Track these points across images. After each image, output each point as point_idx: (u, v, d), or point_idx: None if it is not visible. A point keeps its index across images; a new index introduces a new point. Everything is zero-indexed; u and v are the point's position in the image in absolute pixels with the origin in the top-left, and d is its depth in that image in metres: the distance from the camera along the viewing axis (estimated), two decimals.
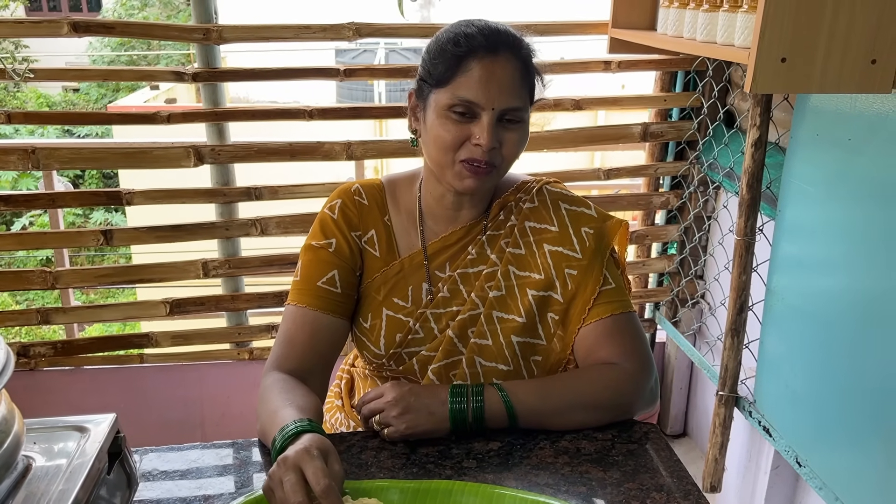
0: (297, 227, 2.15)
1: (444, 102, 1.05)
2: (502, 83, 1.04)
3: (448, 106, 1.05)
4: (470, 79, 1.04)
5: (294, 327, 1.13)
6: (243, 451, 1.06)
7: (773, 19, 1.19)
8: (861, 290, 1.45)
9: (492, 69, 1.04)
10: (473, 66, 1.04)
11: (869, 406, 1.42)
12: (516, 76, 1.06)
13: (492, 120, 1.04)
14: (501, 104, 1.04)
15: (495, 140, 1.05)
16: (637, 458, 1.02)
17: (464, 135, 1.05)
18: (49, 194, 2.10)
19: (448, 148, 1.06)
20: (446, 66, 1.05)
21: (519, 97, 1.06)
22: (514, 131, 1.07)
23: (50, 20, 1.90)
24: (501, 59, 1.05)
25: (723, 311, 2.09)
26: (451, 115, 1.05)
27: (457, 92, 1.04)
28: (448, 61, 1.05)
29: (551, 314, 1.15)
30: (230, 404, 2.41)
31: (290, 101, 8.06)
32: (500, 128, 1.06)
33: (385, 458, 1.01)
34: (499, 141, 1.06)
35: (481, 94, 1.04)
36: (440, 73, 1.06)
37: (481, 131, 1.04)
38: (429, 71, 1.09)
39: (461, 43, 1.05)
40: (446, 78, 1.05)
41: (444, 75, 1.05)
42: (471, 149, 1.06)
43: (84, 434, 0.81)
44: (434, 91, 1.07)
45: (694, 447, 2.56)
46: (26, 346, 2.22)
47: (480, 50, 1.04)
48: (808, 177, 1.58)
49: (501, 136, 1.06)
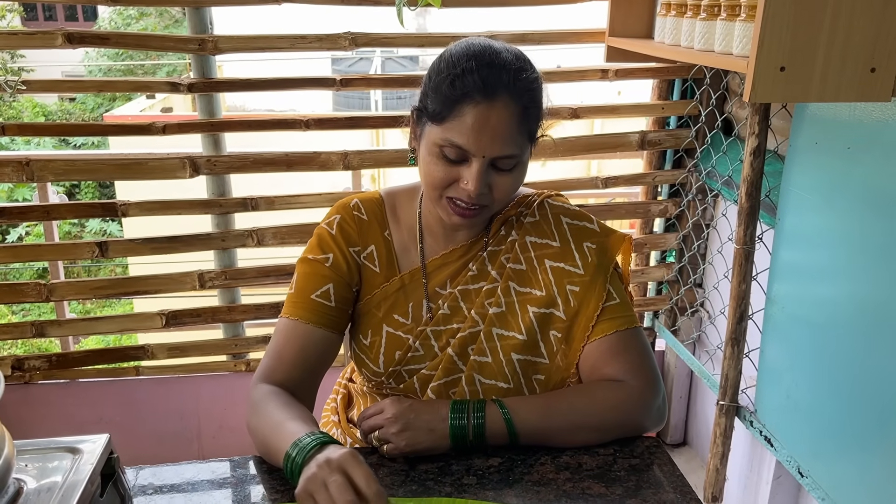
0: (294, 237, 2.14)
1: (436, 140, 1.02)
2: (496, 131, 1.00)
3: (438, 145, 1.02)
4: (462, 124, 0.99)
5: (284, 340, 1.11)
6: (240, 469, 1.04)
7: (772, 28, 1.18)
8: (862, 298, 1.44)
9: (486, 116, 0.99)
10: (467, 111, 0.99)
11: (871, 415, 1.41)
12: (512, 123, 1.01)
13: (482, 167, 1.01)
14: (493, 152, 1.01)
15: (484, 186, 1.02)
16: (640, 474, 1.00)
17: (453, 175, 1.03)
18: (44, 206, 2.09)
19: (436, 185, 1.04)
20: (441, 105, 1.01)
21: (514, 145, 1.02)
22: (507, 176, 1.04)
23: (45, 31, 1.89)
24: (498, 106, 0.99)
25: (722, 319, 2.08)
26: (442, 154, 1.02)
27: (448, 134, 1.00)
28: (443, 102, 1.01)
29: (553, 332, 1.13)
30: (227, 417, 2.39)
31: (287, 109, 8.06)
32: (492, 172, 1.03)
33: (384, 475, 1.00)
34: (489, 185, 1.03)
35: (472, 141, 0.99)
36: (435, 110, 1.02)
37: (470, 177, 1.01)
38: (425, 102, 1.05)
39: (456, 85, 0.99)
40: (441, 117, 1.01)
41: (439, 114, 1.01)
42: (459, 190, 1.03)
43: (76, 455, 0.80)
44: (429, 124, 1.04)
45: (694, 456, 2.55)
46: (21, 360, 2.20)
47: (476, 94, 0.98)
48: (808, 185, 1.57)
49: (493, 179, 1.03)
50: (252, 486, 1.01)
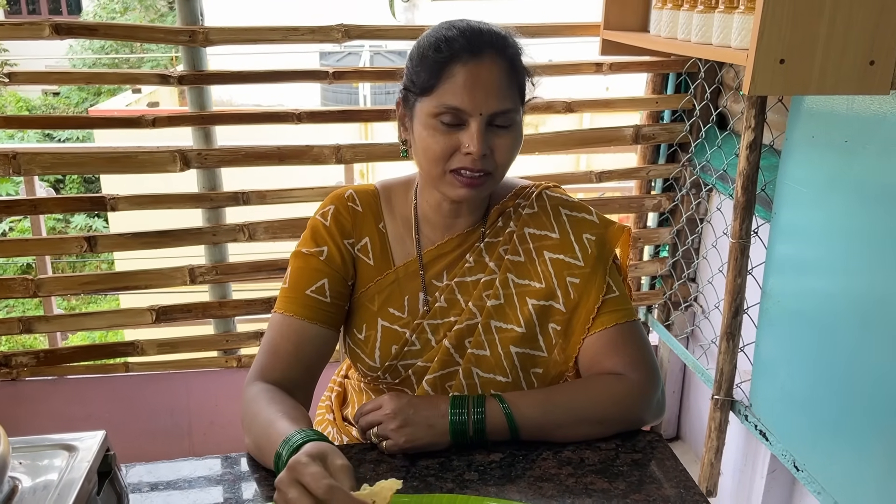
0: (286, 232, 2.12)
1: (430, 111, 1.02)
2: (489, 86, 1.00)
3: (434, 114, 1.01)
4: (454, 85, 1.00)
5: (279, 337, 1.09)
6: (236, 465, 1.03)
7: (771, 21, 1.18)
8: (858, 292, 1.44)
9: (476, 72, 1.00)
10: (457, 71, 1.00)
11: (867, 409, 1.41)
12: (503, 77, 1.02)
13: (481, 126, 1.00)
14: (489, 108, 1.00)
15: (486, 147, 1.01)
16: (642, 469, 1.00)
17: (453, 144, 1.02)
18: (31, 200, 2.06)
19: (438, 159, 1.03)
20: (429, 73, 1.01)
21: (508, 99, 1.02)
22: (506, 136, 1.03)
23: (31, 22, 1.85)
24: (486, 61, 1.00)
25: (716, 314, 2.08)
26: (439, 124, 1.01)
27: (442, 99, 1.00)
28: (430, 68, 1.01)
29: (552, 324, 1.12)
30: (218, 413, 2.37)
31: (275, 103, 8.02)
32: (491, 133, 1.02)
33: (384, 471, 0.99)
34: (490, 147, 1.02)
35: (467, 99, 0.99)
36: (424, 80, 1.02)
37: (470, 139, 1.00)
38: (412, 79, 1.04)
39: (442, 48, 1.00)
40: (430, 86, 1.01)
41: (427, 83, 1.01)
42: (461, 158, 1.02)
43: (72, 453, 0.78)
44: (419, 100, 1.03)
45: (688, 450, 2.55)
46: (8, 356, 2.16)
47: (463, 53, 1.00)
48: (804, 179, 1.57)
49: (492, 141, 1.02)
50: (248, 482, 1.00)
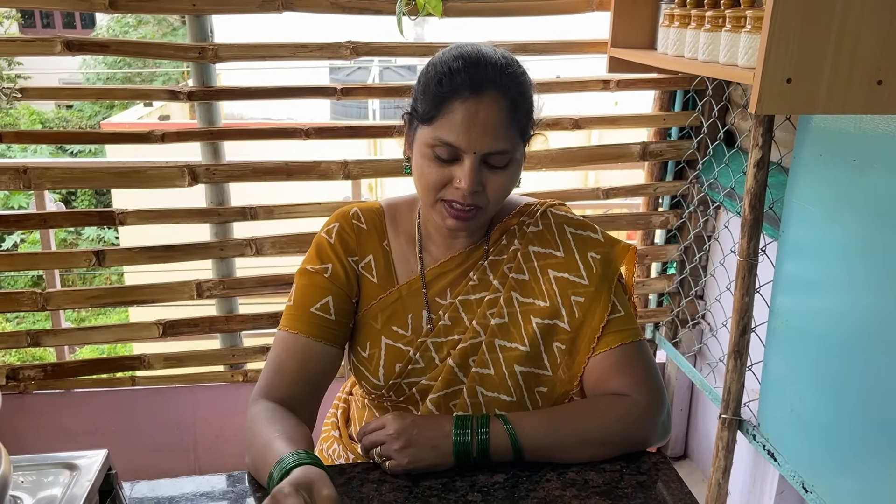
0: (293, 247, 2.12)
1: (427, 141, 1.02)
2: (486, 126, 1.00)
3: (430, 145, 1.02)
4: (452, 121, 1.00)
5: (285, 354, 1.09)
6: (239, 484, 1.02)
7: (778, 40, 1.18)
8: (866, 311, 1.43)
9: (475, 111, 0.99)
10: (456, 107, 0.99)
11: (876, 429, 1.40)
12: (502, 117, 1.01)
13: (474, 163, 1.00)
14: (484, 148, 1.00)
15: (477, 184, 1.01)
16: (647, 491, 0.99)
17: (446, 176, 1.02)
18: (41, 214, 2.07)
19: (430, 188, 1.03)
20: (430, 104, 1.02)
21: (505, 140, 1.01)
22: (500, 174, 1.03)
23: (43, 38, 1.87)
24: (486, 100, 1.00)
25: (724, 332, 2.07)
26: (434, 155, 1.02)
27: (438, 133, 1.01)
28: (432, 100, 1.01)
29: (557, 343, 1.11)
30: (224, 427, 2.36)
31: (284, 118, 8.07)
32: (485, 170, 1.02)
33: (387, 492, 0.98)
34: (482, 184, 1.02)
35: (462, 137, 0.99)
36: (425, 110, 1.02)
37: (463, 175, 1.01)
38: (416, 105, 1.05)
39: (444, 82, 1.00)
40: (430, 117, 1.01)
41: (428, 114, 1.02)
42: (453, 191, 1.02)
43: (74, 471, 0.78)
44: (420, 126, 1.04)
45: (695, 469, 2.53)
46: (16, 369, 2.17)
47: (464, 90, 0.99)
48: (812, 197, 1.56)
49: (486, 178, 1.02)
50: (251, 501, 0.99)
